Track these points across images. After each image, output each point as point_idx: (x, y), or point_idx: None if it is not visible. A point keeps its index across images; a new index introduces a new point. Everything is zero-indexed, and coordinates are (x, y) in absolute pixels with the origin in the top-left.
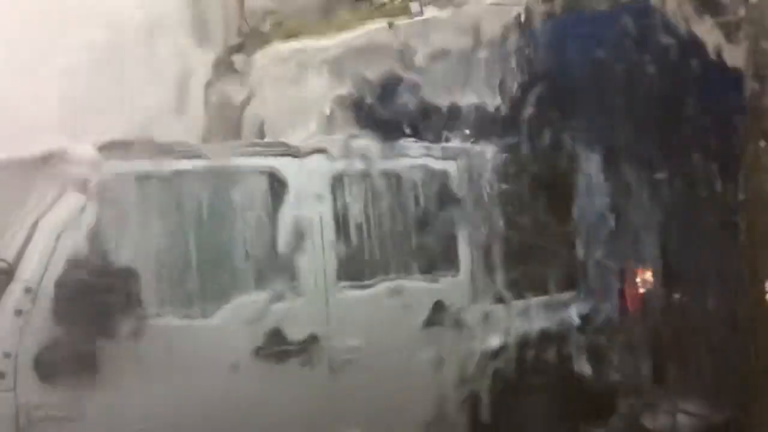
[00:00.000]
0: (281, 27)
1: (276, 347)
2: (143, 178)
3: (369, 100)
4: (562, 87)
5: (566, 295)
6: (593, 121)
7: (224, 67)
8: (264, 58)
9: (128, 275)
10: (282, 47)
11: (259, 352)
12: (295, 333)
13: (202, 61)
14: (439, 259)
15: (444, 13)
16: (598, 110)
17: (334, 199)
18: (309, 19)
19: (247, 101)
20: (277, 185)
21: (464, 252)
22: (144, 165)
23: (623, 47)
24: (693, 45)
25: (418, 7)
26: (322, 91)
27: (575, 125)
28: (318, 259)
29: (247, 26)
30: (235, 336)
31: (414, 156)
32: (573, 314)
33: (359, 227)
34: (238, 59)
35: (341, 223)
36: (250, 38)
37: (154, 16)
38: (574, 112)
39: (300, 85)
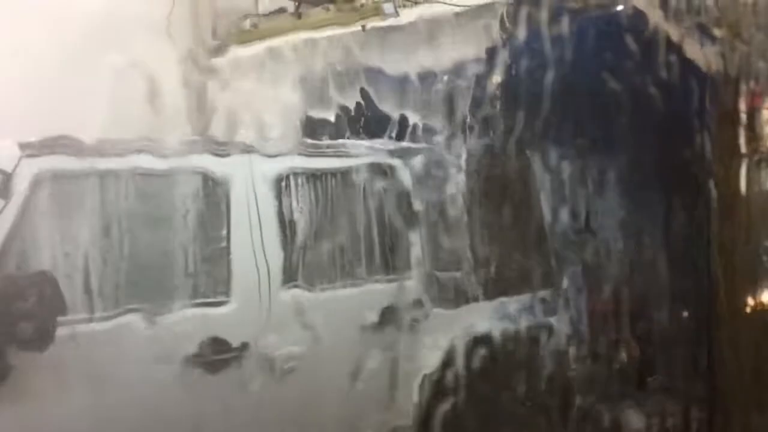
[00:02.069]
0: (255, 29)
1: (212, 355)
2: (70, 178)
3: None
4: (531, 91)
5: (529, 298)
6: (560, 125)
7: (196, 67)
8: (236, 59)
9: (44, 280)
10: (254, 49)
11: (193, 360)
12: (232, 340)
13: (172, 61)
14: (389, 262)
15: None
16: (565, 115)
17: (278, 200)
18: (283, 21)
19: (216, 101)
20: (214, 185)
21: (416, 254)
22: (71, 163)
23: (592, 52)
24: (663, 48)
25: (392, 8)
26: (293, 94)
27: (542, 129)
28: (258, 262)
29: (221, 28)
30: (167, 343)
31: (363, 155)
32: (535, 318)
33: (304, 229)
34: (210, 60)
35: (285, 225)
36: (224, 40)
37: (121, 16)
38: (540, 116)
39: (271, 86)
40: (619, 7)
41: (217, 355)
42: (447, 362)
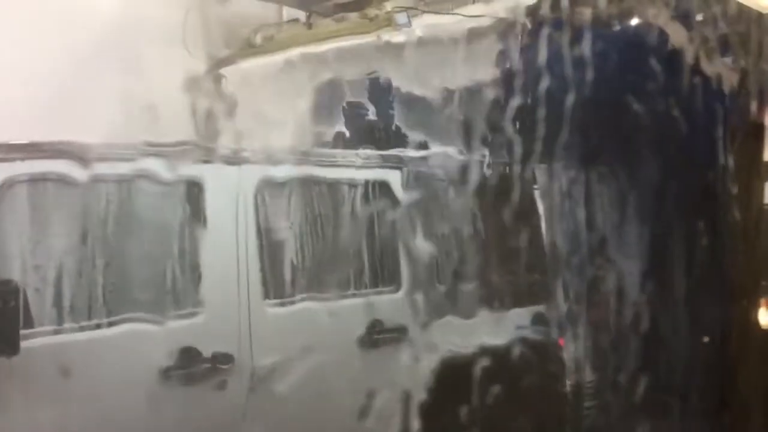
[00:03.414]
0: (267, 40)
1: (187, 367)
2: (42, 183)
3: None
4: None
5: (522, 312)
6: (574, 140)
7: (208, 77)
8: (249, 69)
9: (6, 290)
10: (268, 59)
11: (168, 372)
12: (209, 352)
13: (185, 71)
14: (377, 274)
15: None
16: (581, 129)
17: (259, 210)
18: (295, 31)
19: (230, 111)
20: (194, 193)
21: (405, 267)
22: (44, 167)
23: (612, 68)
24: (684, 67)
25: (405, 18)
26: (306, 102)
27: (555, 143)
28: (239, 272)
29: (235, 37)
30: (140, 355)
31: (353, 164)
32: (529, 332)
33: (287, 239)
34: (222, 70)
35: (269, 236)
36: (237, 50)
37: (136, 24)
38: (554, 129)
39: (284, 96)
40: (634, 21)
41: (193, 367)
42: (439, 378)
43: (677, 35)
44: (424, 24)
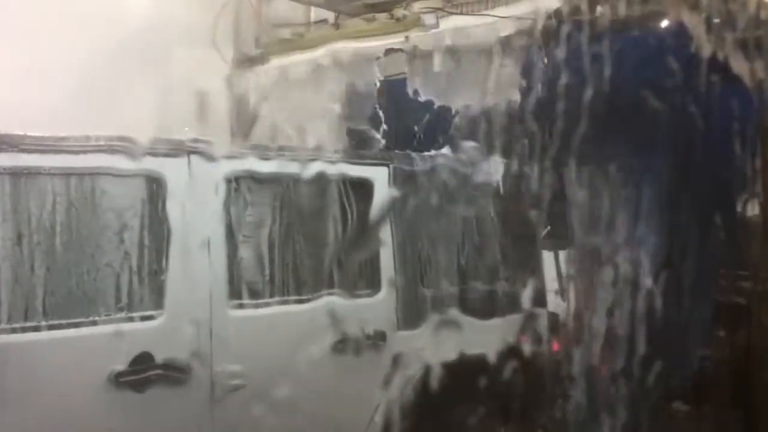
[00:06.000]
0: (297, 39)
1: (142, 373)
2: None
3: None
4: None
5: (509, 319)
6: (595, 140)
7: (239, 73)
8: (279, 66)
9: None
10: (297, 57)
11: (120, 377)
12: (167, 356)
13: (215, 67)
14: (354, 276)
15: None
16: (603, 129)
17: (226, 206)
18: (324, 32)
19: (259, 107)
20: (154, 188)
21: (386, 269)
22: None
23: (636, 66)
24: (706, 64)
25: (433, 19)
26: (333, 99)
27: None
28: (202, 273)
29: (266, 36)
30: (91, 358)
31: (332, 161)
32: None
33: (257, 238)
34: (253, 67)
35: (234, 234)
36: (268, 48)
37: (167, 23)
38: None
39: (312, 92)
40: (664, 23)
41: (149, 373)
42: (420, 386)
43: (702, 35)
44: (451, 26)
